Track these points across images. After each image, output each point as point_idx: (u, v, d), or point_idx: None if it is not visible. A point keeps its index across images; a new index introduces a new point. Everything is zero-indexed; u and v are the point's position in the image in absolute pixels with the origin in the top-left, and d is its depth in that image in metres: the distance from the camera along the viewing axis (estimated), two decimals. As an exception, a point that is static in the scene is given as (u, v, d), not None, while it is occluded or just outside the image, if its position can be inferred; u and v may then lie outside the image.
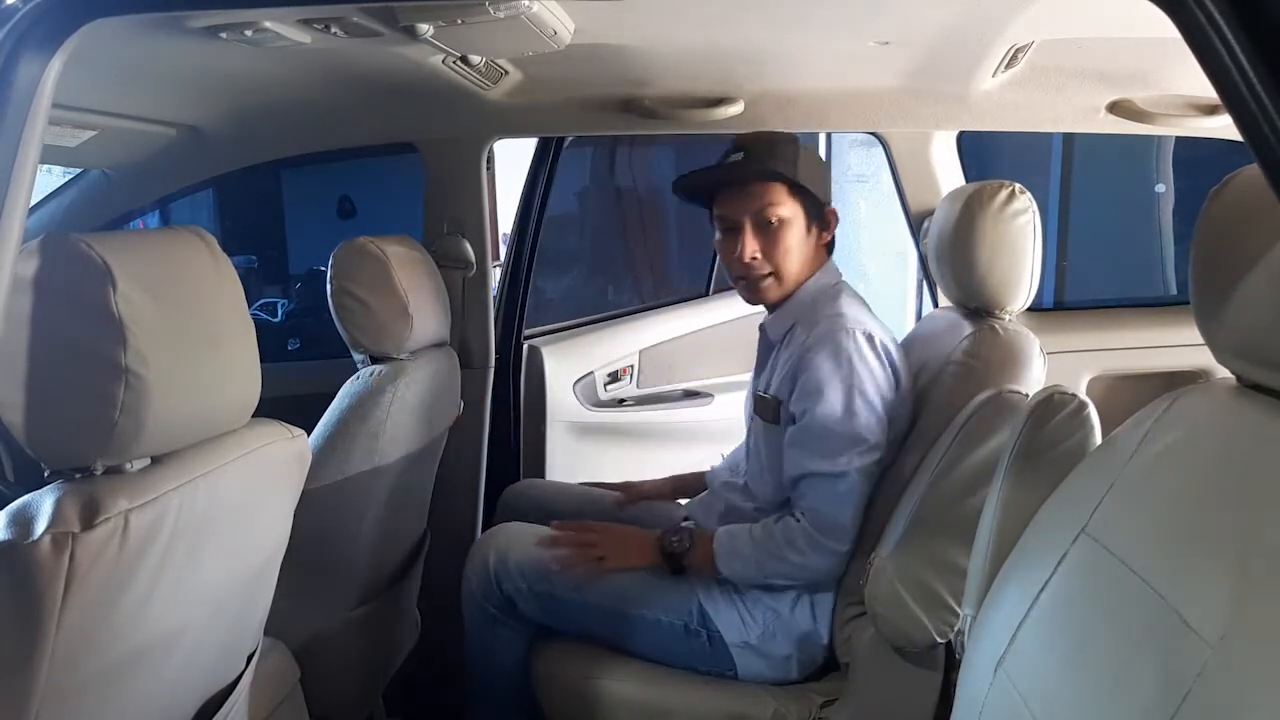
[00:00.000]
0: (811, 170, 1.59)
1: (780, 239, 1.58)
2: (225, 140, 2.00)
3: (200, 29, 1.23)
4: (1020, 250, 1.62)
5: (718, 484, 1.78)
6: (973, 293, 1.65)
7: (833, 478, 1.49)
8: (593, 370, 2.43)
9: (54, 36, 0.85)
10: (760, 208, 1.58)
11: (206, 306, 0.98)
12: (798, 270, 1.61)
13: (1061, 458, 1.07)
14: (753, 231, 1.59)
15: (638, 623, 1.61)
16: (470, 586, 1.68)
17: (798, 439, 1.52)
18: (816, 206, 1.61)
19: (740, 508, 1.66)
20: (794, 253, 1.59)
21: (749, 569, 1.55)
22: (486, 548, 1.69)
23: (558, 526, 1.70)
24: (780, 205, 1.57)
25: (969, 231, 1.62)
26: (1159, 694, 0.69)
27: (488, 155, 2.04)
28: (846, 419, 1.48)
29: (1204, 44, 0.63)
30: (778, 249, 1.59)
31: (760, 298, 1.65)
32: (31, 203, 0.88)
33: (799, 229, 1.59)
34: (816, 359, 1.50)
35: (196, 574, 1.00)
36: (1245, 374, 0.82)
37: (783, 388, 1.57)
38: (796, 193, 1.58)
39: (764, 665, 1.58)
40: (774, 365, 1.63)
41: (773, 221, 1.58)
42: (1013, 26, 1.49)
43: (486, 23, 1.24)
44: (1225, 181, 0.84)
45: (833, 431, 1.48)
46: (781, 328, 1.63)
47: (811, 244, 1.62)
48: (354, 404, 1.56)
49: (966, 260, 1.63)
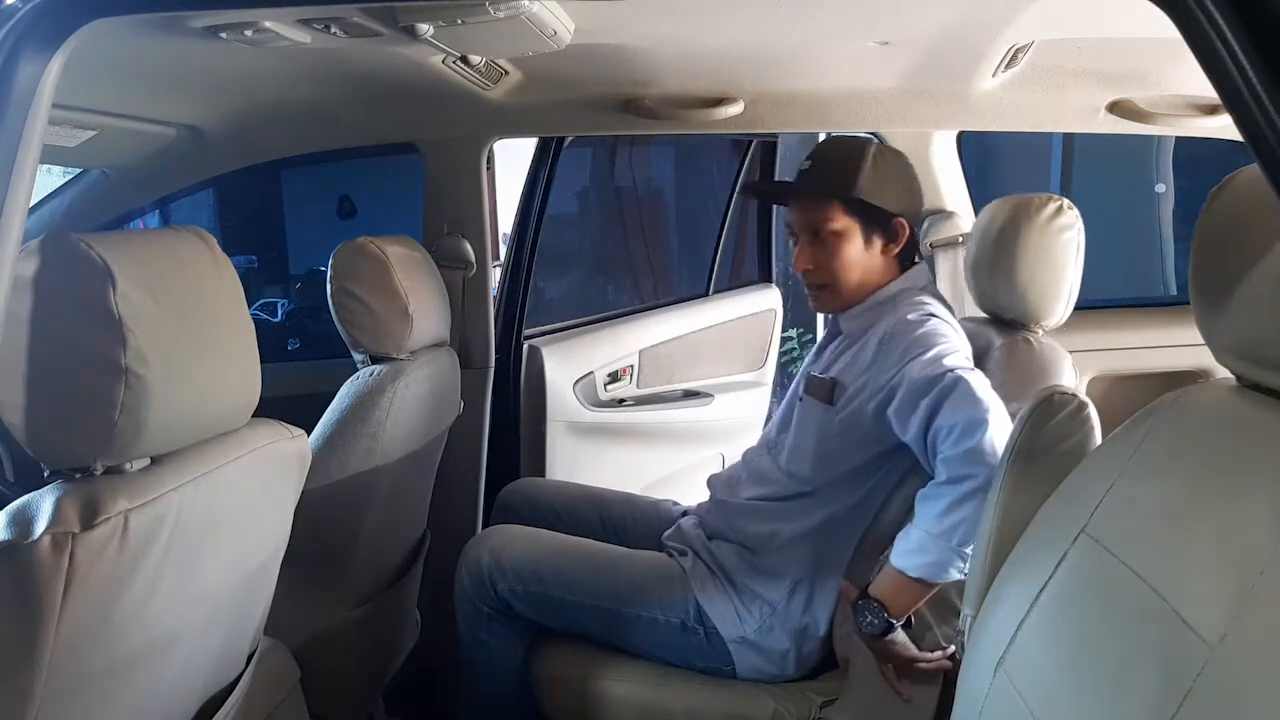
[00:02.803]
0: (878, 182, 1.58)
1: (834, 252, 1.59)
2: (225, 140, 2.00)
3: (200, 29, 1.23)
4: (1063, 265, 1.62)
5: (719, 486, 1.78)
6: (1009, 304, 1.64)
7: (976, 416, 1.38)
8: (593, 370, 2.42)
9: (54, 36, 0.85)
10: (813, 221, 1.59)
11: (206, 306, 0.98)
12: (857, 282, 1.61)
13: (1061, 458, 1.07)
14: (808, 243, 1.61)
15: (634, 621, 1.61)
16: (464, 587, 1.68)
17: (924, 401, 1.42)
18: (879, 218, 1.59)
19: (769, 472, 1.65)
20: (850, 266, 1.59)
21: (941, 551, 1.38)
22: (480, 548, 1.69)
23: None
24: (833, 220, 1.58)
25: (1013, 242, 1.61)
26: (1159, 694, 0.69)
27: (488, 155, 2.04)
28: (949, 360, 1.44)
29: (1204, 44, 0.63)
30: (831, 262, 1.59)
31: (818, 306, 1.67)
32: (31, 203, 0.88)
33: (855, 242, 1.59)
34: (914, 334, 1.49)
35: (196, 574, 1.00)
36: (1245, 374, 0.82)
37: (849, 372, 1.56)
38: (854, 206, 1.58)
39: (761, 660, 1.58)
40: (840, 351, 1.63)
41: (825, 235, 1.59)
42: (1013, 26, 1.49)
43: (486, 23, 1.24)
44: (1225, 181, 0.84)
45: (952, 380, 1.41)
46: (859, 324, 1.62)
47: (874, 255, 1.61)
48: (354, 404, 1.56)
49: (1008, 271, 1.62)
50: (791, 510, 1.60)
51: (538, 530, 1.76)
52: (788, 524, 1.60)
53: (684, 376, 2.67)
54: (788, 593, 1.57)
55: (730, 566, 1.62)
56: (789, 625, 1.57)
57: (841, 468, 1.56)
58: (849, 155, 1.60)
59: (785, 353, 5.83)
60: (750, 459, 1.76)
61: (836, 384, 1.57)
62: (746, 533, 1.63)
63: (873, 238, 1.60)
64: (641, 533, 1.85)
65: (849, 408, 1.54)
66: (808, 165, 1.62)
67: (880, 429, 1.50)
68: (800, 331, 5.89)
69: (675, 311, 2.72)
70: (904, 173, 1.64)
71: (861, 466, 1.55)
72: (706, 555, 1.65)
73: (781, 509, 1.61)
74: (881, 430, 1.50)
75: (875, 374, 1.51)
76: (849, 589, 1.51)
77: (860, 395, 1.53)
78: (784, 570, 1.58)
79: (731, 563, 1.62)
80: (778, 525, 1.60)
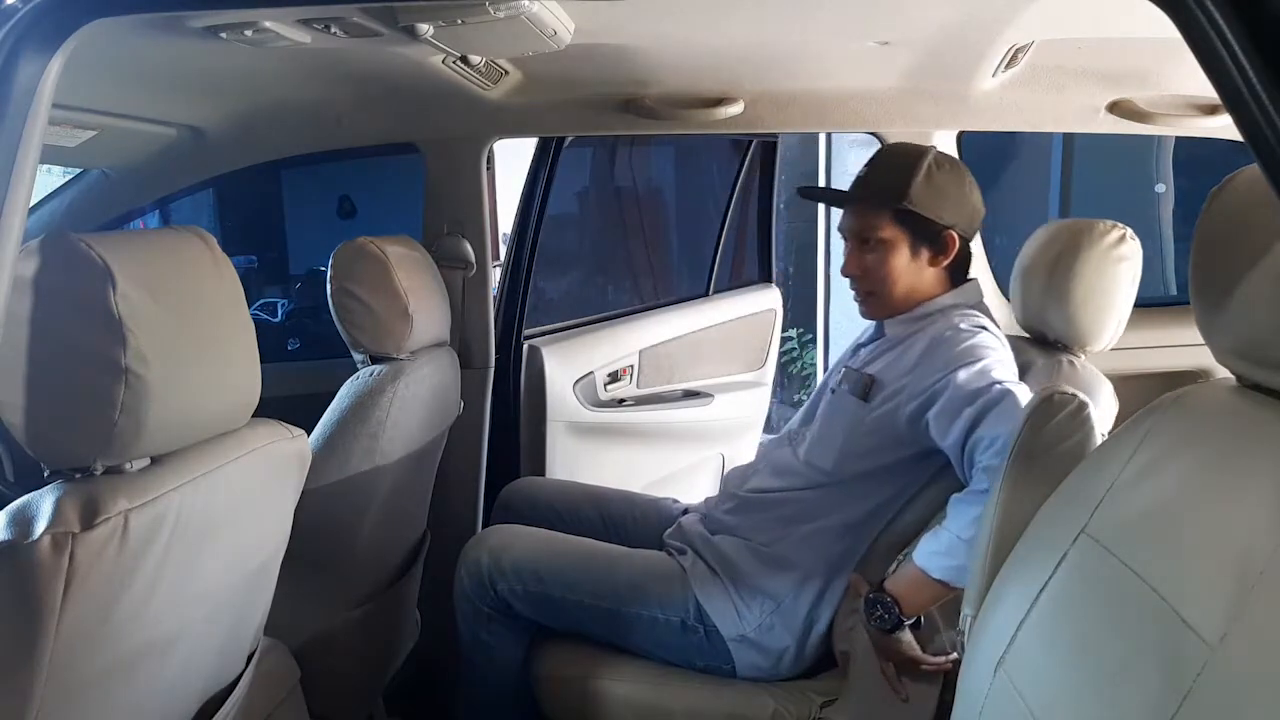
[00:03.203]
0: (931, 193, 1.57)
1: (881, 260, 1.60)
2: (225, 140, 2.00)
3: (200, 29, 1.23)
4: (1116, 294, 1.62)
5: (733, 479, 1.77)
6: (1057, 326, 1.64)
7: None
8: (593, 370, 2.42)
9: (54, 36, 0.85)
10: (862, 228, 1.61)
11: (206, 306, 0.98)
12: (903, 292, 1.61)
13: (1061, 458, 1.07)
14: (856, 249, 1.62)
15: (634, 621, 1.61)
16: (463, 587, 1.68)
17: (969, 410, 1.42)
18: (929, 230, 1.59)
19: (788, 463, 1.65)
20: (896, 275, 1.60)
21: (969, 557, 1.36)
22: (480, 548, 1.69)
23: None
24: (881, 228, 1.58)
25: (1070, 266, 1.61)
26: (1159, 694, 0.69)
27: (488, 155, 2.04)
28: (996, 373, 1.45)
29: (1204, 44, 0.63)
30: (878, 270, 1.60)
31: (865, 311, 1.67)
32: (31, 203, 0.88)
33: (902, 252, 1.59)
34: (963, 343, 1.48)
35: (196, 574, 1.00)
36: (1245, 374, 0.82)
37: (888, 372, 1.56)
38: (903, 216, 1.58)
39: (760, 658, 1.58)
40: (880, 351, 1.62)
41: (874, 243, 1.59)
42: (1013, 26, 1.49)
43: (486, 23, 1.24)
44: (1225, 182, 0.84)
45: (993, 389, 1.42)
46: (904, 329, 1.62)
47: (922, 266, 1.60)
48: (354, 404, 1.56)
49: (1061, 293, 1.62)
50: (810, 503, 1.60)
51: (537, 530, 1.76)
52: (805, 517, 1.59)
53: (684, 376, 2.67)
54: (796, 587, 1.57)
55: (735, 562, 1.61)
56: (793, 621, 1.57)
57: (867, 465, 1.56)
58: (902, 164, 1.59)
59: (785, 353, 5.84)
60: (767, 452, 1.75)
61: (875, 381, 1.57)
62: (760, 525, 1.63)
63: (921, 249, 1.60)
64: (642, 531, 1.85)
65: (884, 407, 1.54)
66: (864, 172, 1.62)
67: (914, 432, 1.50)
68: (800, 331, 5.89)
69: (675, 311, 2.71)
70: (959, 185, 1.62)
71: (889, 466, 1.55)
72: (708, 552, 1.65)
73: (800, 501, 1.61)
74: (916, 433, 1.50)
75: (918, 378, 1.51)
76: (859, 582, 1.51)
77: (898, 396, 1.52)
78: (796, 563, 1.58)
79: (737, 558, 1.62)
80: (794, 517, 1.60)
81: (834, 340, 5.58)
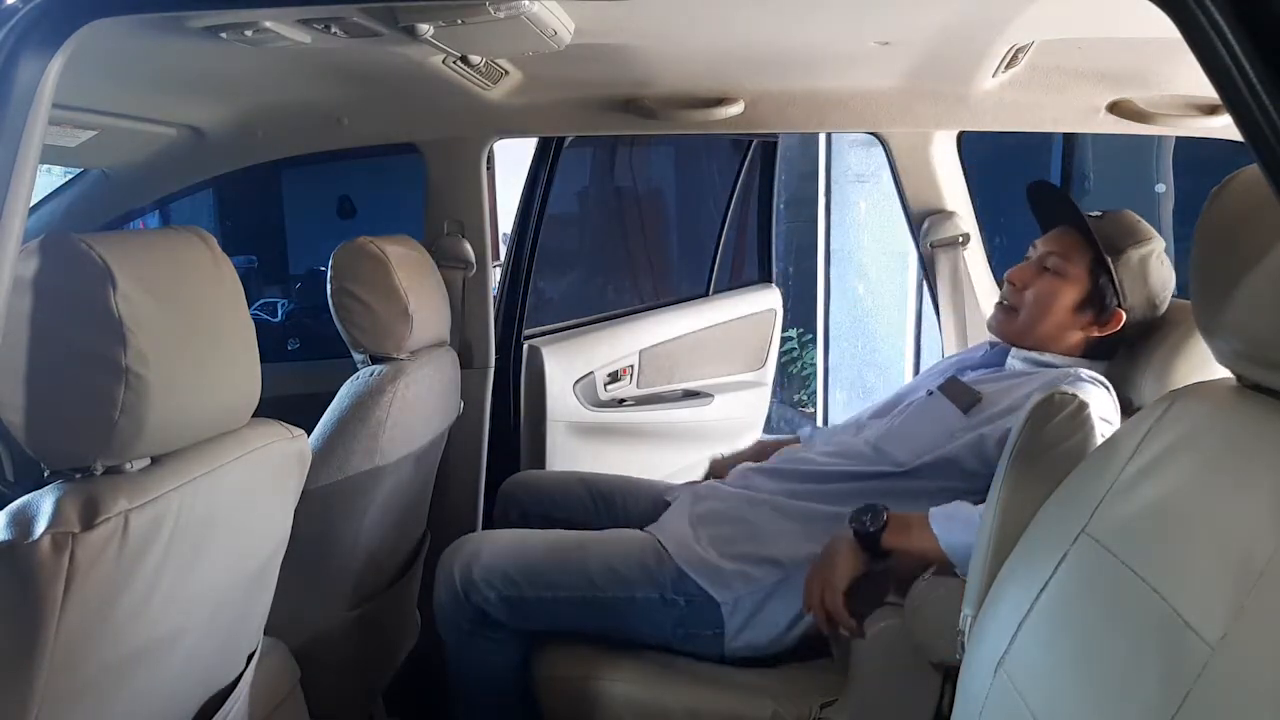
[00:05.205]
0: (1136, 271, 1.57)
1: (1048, 288, 1.60)
2: (225, 140, 2.00)
3: (200, 29, 1.23)
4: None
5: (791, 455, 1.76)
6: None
7: None
8: (593, 370, 2.43)
9: (54, 36, 0.85)
10: (1053, 251, 1.61)
11: (206, 306, 0.98)
12: (1045, 330, 1.60)
13: (1061, 458, 1.06)
14: (1032, 264, 1.63)
15: (612, 605, 1.59)
16: (441, 601, 1.65)
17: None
18: (1107, 296, 1.58)
19: (853, 446, 1.64)
20: (1051, 310, 1.59)
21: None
22: (451, 563, 1.64)
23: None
24: (1070, 262, 1.59)
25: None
26: (1159, 694, 0.69)
27: (488, 155, 2.05)
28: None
29: (1204, 44, 0.63)
30: (1040, 294, 1.60)
31: (996, 323, 1.67)
32: (31, 203, 0.88)
33: (1069, 295, 1.59)
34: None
35: (196, 574, 1.00)
36: (1245, 374, 0.82)
37: (994, 395, 1.56)
38: (1097, 267, 1.57)
39: (753, 634, 1.56)
40: (991, 377, 1.63)
41: (1052, 270, 1.60)
42: (1013, 27, 1.49)
43: (486, 23, 1.24)
44: (1225, 182, 0.84)
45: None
46: (1026, 369, 1.61)
47: (1076, 321, 1.60)
48: (354, 404, 1.56)
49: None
50: (866, 482, 1.58)
51: (506, 531, 1.75)
52: (854, 493, 1.54)
53: (684, 376, 2.67)
54: (807, 557, 1.53)
55: (749, 519, 1.60)
56: (793, 592, 1.53)
57: (947, 472, 1.55)
58: (1133, 232, 1.60)
59: (785, 353, 5.83)
60: (827, 435, 1.73)
61: (981, 400, 1.57)
62: (796, 483, 1.62)
63: (1089, 308, 1.59)
64: (634, 510, 1.84)
65: (982, 428, 1.53)
66: (1099, 213, 1.62)
67: (1000, 454, 1.50)
68: (800, 331, 5.88)
69: (675, 311, 2.72)
70: (1161, 286, 1.61)
71: (961, 471, 1.54)
72: (696, 522, 1.63)
73: (856, 477, 1.59)
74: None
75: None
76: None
77: (998, 421, 1.52)
78: (818, 535, 1.52)
79: (752, 515, 1.60)
80: (840, 492, 1.58)
81: (834, 340, 5.58)
